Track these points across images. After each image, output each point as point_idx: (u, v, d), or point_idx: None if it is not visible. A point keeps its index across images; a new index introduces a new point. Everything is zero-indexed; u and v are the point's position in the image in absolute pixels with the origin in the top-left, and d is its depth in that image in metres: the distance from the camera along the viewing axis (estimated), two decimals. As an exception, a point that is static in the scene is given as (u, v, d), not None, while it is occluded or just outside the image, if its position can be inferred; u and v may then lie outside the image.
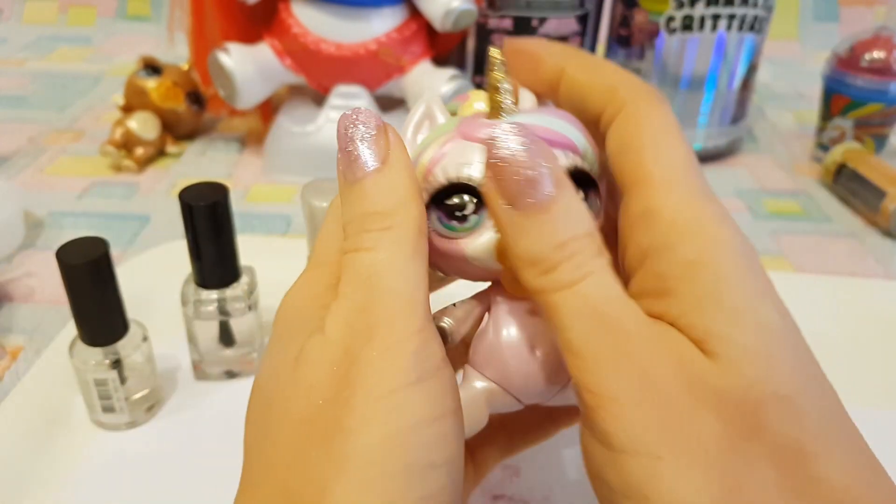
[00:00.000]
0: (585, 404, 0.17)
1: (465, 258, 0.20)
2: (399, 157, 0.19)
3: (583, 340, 0.17)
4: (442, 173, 0.20)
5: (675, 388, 0.16)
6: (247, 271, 0.36)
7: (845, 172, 0.57)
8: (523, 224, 0.18)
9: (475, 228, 0.20)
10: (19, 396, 0.34)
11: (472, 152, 0.20)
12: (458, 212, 0.20)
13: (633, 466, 0.16)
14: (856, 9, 0.91)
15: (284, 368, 0.19)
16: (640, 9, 0.60)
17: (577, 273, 0.17)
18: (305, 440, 0.17)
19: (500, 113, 0.20)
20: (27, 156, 0.62)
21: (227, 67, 0.54)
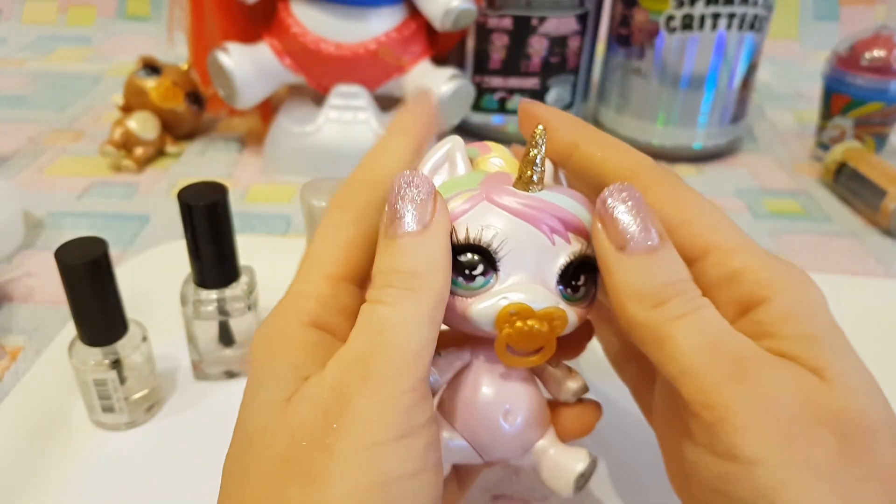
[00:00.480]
0: (703, 421, 0.19)
1: (466, 318, 0.21)
2: (440, 226, 0.20)
3: (700, 363, 0.19)
4: (462, 231, 0.20)
5: (795, 406, 0.18)
6: (246, 271, 0.36)
7: (845, 172, 0.57)
8: (634, 265, 0.20)
9: (481, 290, 0.20)
10: (19, 396, 0.34)
11: (494, 216, 0.20)
12: (468, 270, 0.20)
13: (760, 476, 0.18)
14: (856, 8, 0.91)
15: (272, 406, 0.19)
16: (640, 8, 0.60)
17: (689, 306, 0.19)
18: (285, 479, 0.18)
19: (528, 187, 0.21)
20: (27, 156, 0.62)
21: (227, 67, 0.54)
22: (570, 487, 0.23)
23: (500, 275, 0.20)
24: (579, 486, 0.23)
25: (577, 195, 0.22)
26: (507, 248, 0.20)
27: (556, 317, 0.20)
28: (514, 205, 0.20)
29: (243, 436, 0.20)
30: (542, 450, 0.23)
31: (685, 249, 0.21)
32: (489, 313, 0.20)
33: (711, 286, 0.21)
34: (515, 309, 0.20)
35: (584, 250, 0.21)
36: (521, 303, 0.20)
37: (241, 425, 0.20)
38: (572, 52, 0.62)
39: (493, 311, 0.20)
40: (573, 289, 0.21)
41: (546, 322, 0.20)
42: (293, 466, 0.18)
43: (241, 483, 0.19)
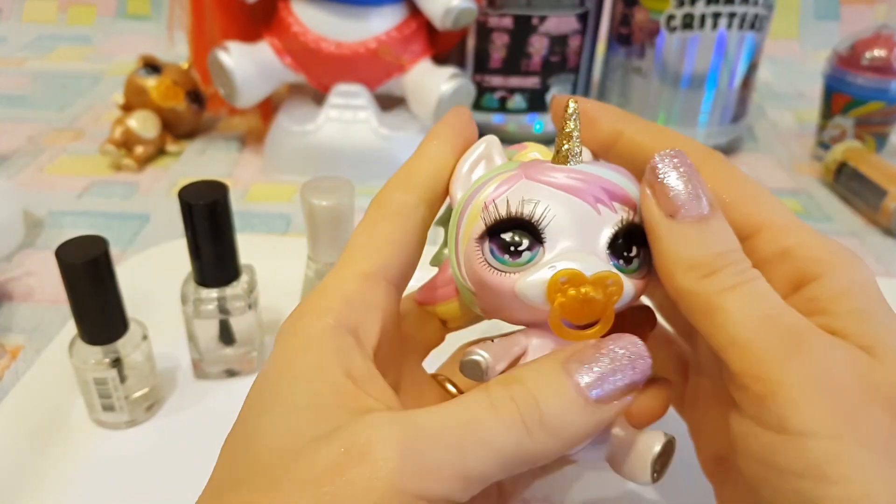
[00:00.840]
0: (753, 393, 0.18)
1: (515, 294, 0.20)
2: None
3: (753, 334, 0.18)
4: (504, 206, 0.20)
5: (848, 379, 0.18)
6: (247, 270, 0.36)
7: (846, 171, 0.57)
8: (684, 232, 0.19)
9: (528, 265, 0.19)
10: (19, 395, 0.34)
11: (537, 191, 0.20)
12: (514, 247, 0.20)
13: (812, 448, 0.17)
14: (856, 7, 0.91)
15: (281, 419, 0.18)
16: (641, 7, 0.60)
17: (741, 277, 0.19)
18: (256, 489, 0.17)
19: (568, 161, 0.20)
20: (27, 155, 0.62)
21: (227, 66, 0.54)
22: (648, 472, 0.20)
23: (546, 247, 0.19)
24: (657, 469, 0.20)
25: (619, 167, 0.21)
26: (551, 219, 0.19)
27: (610, 281, 0.19)
28: (554, 178, 0.20)
29: (245, 441, 0.18)
30: (613, 437, 0.21)
31: (737, 226, 0.20)
32: (539, 284, 0.19)
33: (763, 262, 0.20)
34: (566, 276, 0.19)
35: (632, 219, 0.20)
36: (571, 269, 0.19)
37: (246, 430, 0.19)
38: (573, 51, 0.62)
39: (543, 281, 0.19)
40: (626, 260, 0.20)
41: (600, 288, 0.19)
42: (282, 493, 0.17)
43: (231, 483, 0.18)
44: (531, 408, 0.18)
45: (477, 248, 0.20)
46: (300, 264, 0.40)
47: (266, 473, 0.17)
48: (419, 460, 0.16)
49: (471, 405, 0.18)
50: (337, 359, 0.19)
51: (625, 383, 0.19)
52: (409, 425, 0.17)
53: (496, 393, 0.18)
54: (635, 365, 0.19)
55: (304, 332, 0.19)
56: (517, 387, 0.18)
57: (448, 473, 0.17)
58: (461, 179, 0.22)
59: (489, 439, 0.17)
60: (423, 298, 0.25)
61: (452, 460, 0.17)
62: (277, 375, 0.19)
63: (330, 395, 0.18)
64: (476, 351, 0.20)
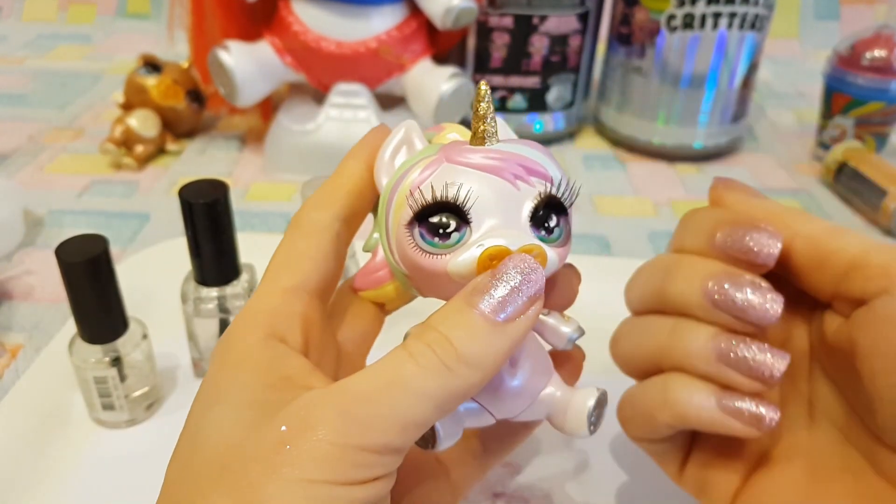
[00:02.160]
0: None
1: (447, 274, 0.20)
2: (520, 329, 0.19)
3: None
4: (428, 192, 0.20)
5: None
6: (247, 269, 0.36)
7: (846, 171, 0.57)
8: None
9: (457, 246, 0.20)
10: (19, 394, 0.34)
11: (458, 174, 0.21)
12: (442, 229, 0.20)
13: None
14: (856, 7, 0.91)
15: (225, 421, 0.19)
16: (641, 7, 0.60)
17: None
18: (217, 485, 0.18)
19: (484, 142, 0.21)
20: (27, 154, 0.62)
21: (227, 65, 0.54)
22: (585, 425, 0.22)
23: (472, 227, 0.20)
24: (593, 422, 0.23)
25: (532, 142, 0.22)
26: (474, 200, 0.20)
27: (535, 253, 0.20)
28: (473, 159, 0.21)
29: (191, 443, 0.19)
30: (550, 396, 0.23)
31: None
32: (469, 262, 0.20)
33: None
34: (493, 252, 0.20)
35: (547, 192, 0.21)
36: (497, 245, 0.20)
37: (192, 434, 0.20)
38: (573, 50, 0.62)
39: (472, 259, 0.20)
40: (547, 230, 0.21)
41: None
42: (231, 475, 0.18)
43: (182, 481, 0.19)
44: (446, 348, 0.19)
45: (408, 234, 0.21)
46: (300, 263, 0.40)
47: (215, 462, 0.18)
48: (355, 417, 0.18)
49: (394, 361, 0.19)
50: (271, 366, 0.20)
51: (525, 298, 0.19)
52: (340, 391, 0.18)
53: (413, 345, 0.19)
54: (529, 279, 0.20)
55: (238, 347, 0.21)
56: (430, 333, 0.19)
57: (385, 424, 0.18)
58: (384, 166, 0.23)
59: (416, 387, 0.18)
60: (360, 284, 0.26)
61: (387, 412, 0.18)
62: (216, 384, 0.20)
63: (266, 392, 0.19)
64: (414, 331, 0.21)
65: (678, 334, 0.23)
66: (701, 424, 0.23)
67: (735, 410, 0.22)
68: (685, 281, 0.23)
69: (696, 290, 0.22)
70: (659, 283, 0.24)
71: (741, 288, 0.22)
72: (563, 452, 0.33)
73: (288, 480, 0.17)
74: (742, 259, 0.22)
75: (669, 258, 0.25)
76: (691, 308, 0.23)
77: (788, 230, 0.23)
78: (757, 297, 0.21)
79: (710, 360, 0.22)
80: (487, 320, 0.19)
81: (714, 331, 0.22)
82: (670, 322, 0.24)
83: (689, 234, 0.24)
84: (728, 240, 0.22)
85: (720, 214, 0.24)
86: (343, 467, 0.17)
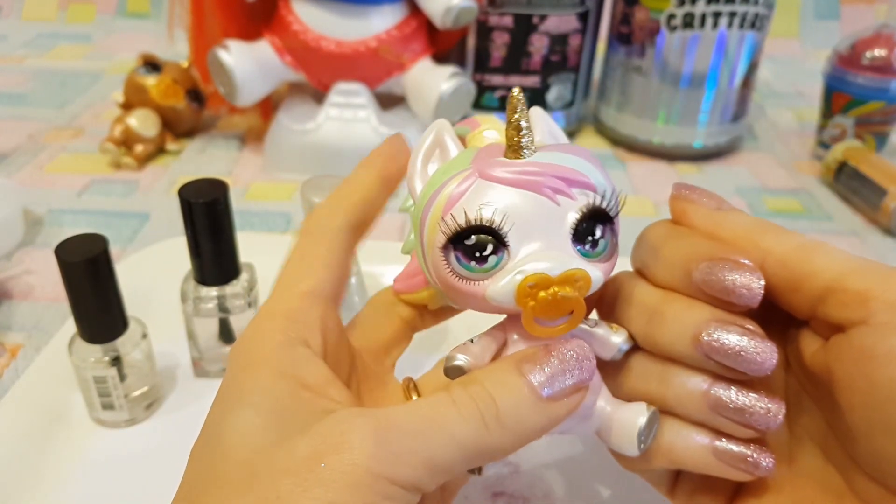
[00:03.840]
0: None
1: (487, 301, 0.20)
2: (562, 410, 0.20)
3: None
4: (461, 216, 0.19)
5: None
6: (246, 268, 0.36)
7: (846, 170, 0.57)
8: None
9: (495, 270, 0.20)
10: (19, 394, 0.34)
11: (492, 193, 0.20)
12: (478, 252, 0.20)
13: None
14: (856, 7, 0.91)
15: (249, 425, 0.19)
16: (641, 6, 0.59)
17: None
18: (244, 492, 0.18)
19: (521, 153, 0.20)
20: (27, 153, 0.62)
21: (227, 65, 0.54)
22: (634, 443, 0.22)
23: (510, 250, 0.19)
24: (643, 440, 0.22)
25: (575, 149, 0.21)
26: (511, 220, 0.19)
27: (577, 278, 0.19)
28: (508, 175, 0.20)
29: (214, 446, 0.19)
30: (600, 411, 0.22)
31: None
32: (507, 291, 0.19)
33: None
34: (533, 281, 0.19)
35: (591, 203, 0.20)
36: (537, 273, 0.19)
37: (214, 435, 0.19)
38: (573, 50, 0.62)
39: (512, 288, 0.19)
40: (591, 244, 0.20)
41: (568, 285, 0.19)
42: (259, 484, 0.17)
43: (204, 484, 0.19)
44: (488, 404, 0.19)
45: (442, 258, 0.20)
46: (300, 263, 0.40)
47: (241, 469, 0.18)
48: (390, 448, 0.18)
49: (434, 402, 0.19)
50: (293, 369, 0.20)
51: (573, 382, 0.20)
52: (379, 418, 0.18)
53: (456, 392, 0.19)
54: (582, 365, 0.20)
55: (259, 348, 0.21)
56: (475, 386, 0.19)
57: (416, 460, 0.18)
58: (418, 173, 0.22)
59: (451, 431, 0.18)
60: (401, 288, 0.25)
61: (420, 449, 0.18)
62: (239, 384, 0.20)
63: (290, 399, 0.19)
64: (456, 356, 0.21)
65: (668, 382, 0.22)
66: (696, 468, 0.22)
67: (731, 458, 0.22)
68: (673, 330, 0.22)
69: (686, 340, 0.21)
70: (645, 327, 0.23)
71: (734, 337, 0.20)
72: (564, 452, 0.33)
73: (318, 501, 0.17)
74: (723, 299, 0.21)
75: (652, 297, 0.23)
76: (682, 357, 0.22)
77: (758, 250, 0.21)
78: (751, 348, 0.20)
79: (703, 409, 0.21)
80: (534, 392, 0.19)
81: (706, 379, 0.21)
82: (658, 367, 0.23)
83: (659, 263, 0.23)
84: (707, 279, 0.21)
85: (693, 246, 0.22)
86: (371, 496, 0.17)
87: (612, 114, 0.66)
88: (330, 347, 0.22)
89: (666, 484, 0.26)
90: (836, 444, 0.22)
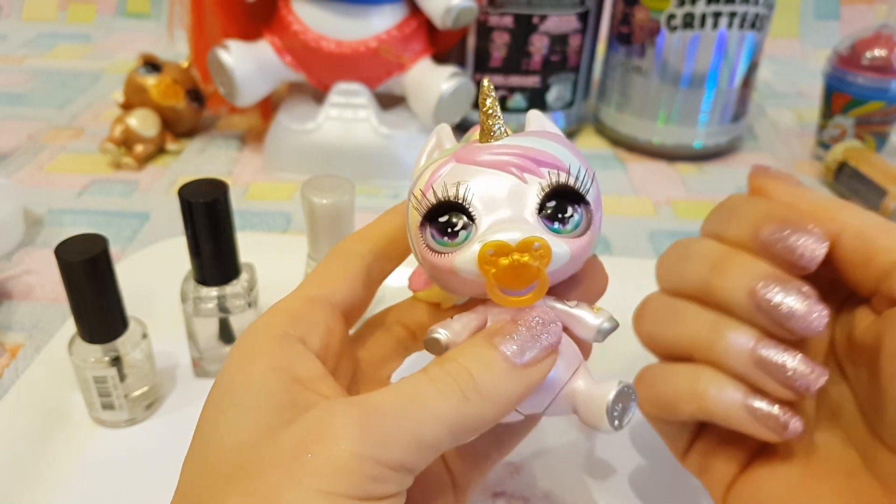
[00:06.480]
0: None
1: (453, 270, 0.21)
2: (538, 374, 0.20)
3: None
4: (432, 194, 0.21)
5: None
6: (247, 268, 0.36)
7: (846, 171, 0.57)
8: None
9: (464, 243, 0.21)
10: (19, 394, 0.34)
11: (464, 173, 0.21)
12: (450, 228, 0.21)
13: None
14: (856, 7, 0.90)
15: (240, 417, 0.19)
16: (641, 6, 0.59)
17: None
18: (232, 486, 0.18)
19: (491, 138, 0.21)
20: (27, 153, 0.62)
21: (227, 65, 0.54)
22: (604, 419, 0.21)
23: (478, 224, 0.21)
24: (616, 416, 0.21)
25: (550, 134, 0.22)
26: (479, 197, 0.20)
27: (536, 245, 0.20)
28: (479, 156, 0.21)
29: (206, 442, 0.20)
30: (574, 389, 0.22)
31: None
32: (470, 259, 0.20)
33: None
34: (493, 248, 0.20)
35: (560, 181, 0.21)
36: (496, 241, 0.20)
37: (206, 432, 0.20)
38: (573, 50, 0.62)
39: (473, 256, 0.20)
40: (562, 221, 0.21)
41: (527, 253, 0.20)
42: (248, 477, 0.18)
43: (197, 481, 0.19)
44: (465, 378, 0.19)
45: (420, 235, 0.21)
46: (300, 262, 0.40)
47: (231, 464, 0.18)
48: (375, 431, 0.18)
49: (412, 382, 0.19)
50: (286, 362, 0.20)
51: (542, 346, 0.20)
52: (362, 404, 0.19)
53: (433, 370, 0.20)
54: (549, 329, 0.20)
55: (255, 342, 0.21)
56: (450, 363, 0.20)
57: (403, 440, 0.18)
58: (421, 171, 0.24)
59: (432, 408, 0.19)
60: (413, 286, 0.26)
61: (404, 429, 0.18)
62: (231, 381, 0.21)
63: (282, 394, 0.20)
64: (436, 329, 0.22)
65: (719, 332, 0.23)
66: (725, 422, 0.23)
67: (763, 415, 0.22)
68: (733, 279, 0.22)
69: (742, 291, 0.22)
70: (705, 274, 0.23)
71: (788, 296, 0.21)
72: (563, 452, 0.33)
73: (307, 490, 0.17)
74: (784, 259, 0.22)
75: (717, 250, 0.24)
76: (734, 306, 0.22)
77: (836, 222, 0.22)
78: (803, 308, 0.21)
79: (747, 362, 0.22)
80: (507, 361, 0.20)
81: (755, 333, 0.22)
82: (711, 317, 0.23)
83: (732, 222, 0.24)
84: (774, 238, 0.22)
85: (769, 208, 0.23)
86: (361, 480, 0.17)
87: (612, 114, 0.66)
88: (331, 351, 0.22)
89: (682, 443, 0.26)
90: (861, 421, 0.23)
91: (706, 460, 0.25)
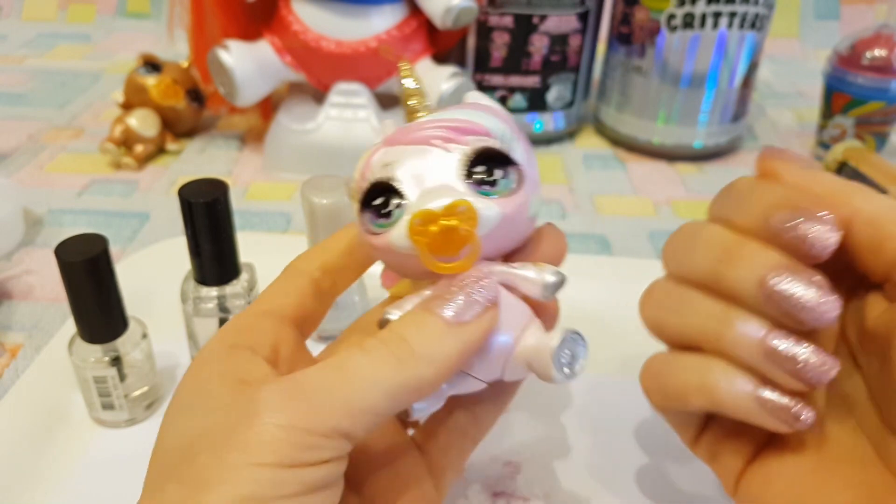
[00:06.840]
0: None
1: (391, 248, 0.21)
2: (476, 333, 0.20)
3: None
4: (362, 179, 0.21)
5: None
6: (247, 268, 0.36)
7: (846, 171, 0.57)
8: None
9: (397, 221, 0.21)
10: (19, 394, 0.34)
11: (392, 154, 0.21)
12: (383, 209, 0.21)
13: None
14: (856, 7, 0.90)
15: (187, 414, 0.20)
16: (641, 6, 0.59)
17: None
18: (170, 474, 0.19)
19: (416, 115, 0.22)
20: (27, 153, 0.62)
21: (227, 65, 0.54)
22: (551, 367, 0.21)
23: (407, 200, 0.21)
24: (565, 363, 0.21)
25: (476, 105, 0.22)
26: (405, 173, 0.21)
27: (461, 208, 0.20)
28: (403, 136, 0.21)
29: (160, 442, 0.20)
30: (525, 349, 0.22)
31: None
32: (401, 234, 0.20)
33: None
34: (419, 217, 0.20)
35: (484, 145, 0.21)
36: (422, 210, 0.20)
37: (159, 440, 0.21)
38: (573, 50, 0.62)
39: (404, 229, 0.20)
40: (490, 184, 0.21)
41: (454, 217, 0.20)
42: (182, 464, 0.19)
43: (147, 484, 0.20)
44: (399, 343, 0.20)
45: (360, 223, 0.22)
46: (300, 263, 0.40)
47: (173, 459, 0.19)
48: (302, 401, 0.19)
49: (345, 354, 0.20)
50: (232, 367, 0.21)
51: (477, 302, 0.20)
52: (287, 380, 0.19)
53: (367, 342, 0.20)
54: (483, 284, 0.21)
55: (206, 354, 0.22)
56: (385, 332, 0.20)
57: (331, 407, 0.19)
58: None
59: (365, 374, 0.19)
60: (385, 283, 0.26)
61: (336, 397, 0.19)
62: (182, 389, 0.21)
63: (226, 395, 0.20)
64: (389, 311, 0.22)
65: (728, 322, 0.22)
66: (735, 414, 0.22)
67: (774, 407, 0.22)
68: (742, 269, 0.22)
69: (751, 281, 0.21)
70: (714, 263, 0.23)
71: (799, 286, 0.21)
72: (564, 452, 0.33)
73: (234, 465, 0.18)
74: (795, 248, 0.21)
75: (725, 237, 0.23)
76: (743, 297, 0.22)
77: (848, 207, 0.22)
78: (815, 299, 0.20)
79: (757, 354, 0.21)
80: (442, 320, 0.20)
81: (765, 324, 0.21)
82: (719, 306, 0.23)
83: (742, 207, 0.23)
84: (784, 226, 0.21)
85: (780, 194, 0.22)
86: (289, 450, 0.18)
87: (612, 114, 0.66)
88: (282, 356, 0.23)
89: (691, 432, 0.26)
90: (873, 411, 0.23)
91: (716, 449, 0.25)
